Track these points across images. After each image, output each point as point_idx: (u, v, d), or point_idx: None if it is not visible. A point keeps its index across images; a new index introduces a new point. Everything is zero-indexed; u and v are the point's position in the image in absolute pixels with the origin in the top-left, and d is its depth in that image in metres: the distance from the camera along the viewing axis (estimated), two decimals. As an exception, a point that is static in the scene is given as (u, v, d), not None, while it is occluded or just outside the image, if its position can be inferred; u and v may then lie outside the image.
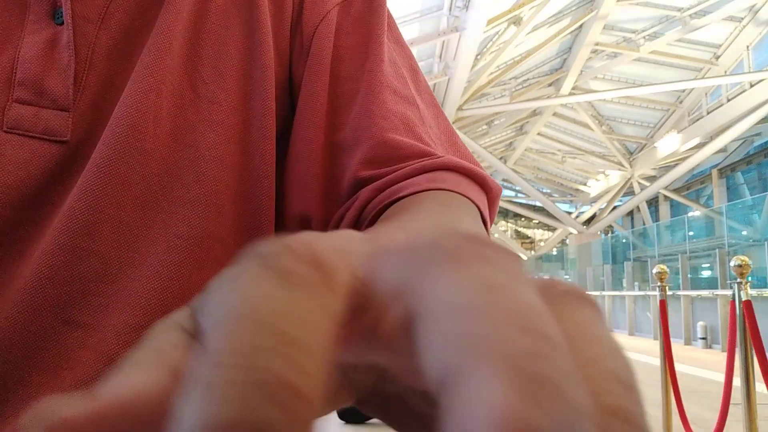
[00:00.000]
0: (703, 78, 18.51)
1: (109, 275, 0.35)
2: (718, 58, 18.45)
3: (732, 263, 2.04)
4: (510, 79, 20.86)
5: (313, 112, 0.40)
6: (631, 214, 30.28)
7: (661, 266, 2.75)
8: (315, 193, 0.39)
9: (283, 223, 0.43)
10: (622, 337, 9.91)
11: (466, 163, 0.37)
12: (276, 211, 0.41)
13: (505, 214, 44.34)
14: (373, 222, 0.34)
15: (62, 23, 0.39)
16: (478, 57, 17.09)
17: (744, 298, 1.99)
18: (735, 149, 21.96)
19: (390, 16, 0.45)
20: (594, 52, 19.56)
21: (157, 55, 0.39)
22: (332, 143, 0.39)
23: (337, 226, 0.37)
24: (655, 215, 28.15)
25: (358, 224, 0.35)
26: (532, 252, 37.27)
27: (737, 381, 1.97)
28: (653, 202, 28.19)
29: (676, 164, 21.60)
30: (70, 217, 0.34)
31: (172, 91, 0.39)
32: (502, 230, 35.93)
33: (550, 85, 22.19)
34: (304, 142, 0.40)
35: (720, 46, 18.19)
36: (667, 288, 2.76)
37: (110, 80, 0.40)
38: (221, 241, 0.38)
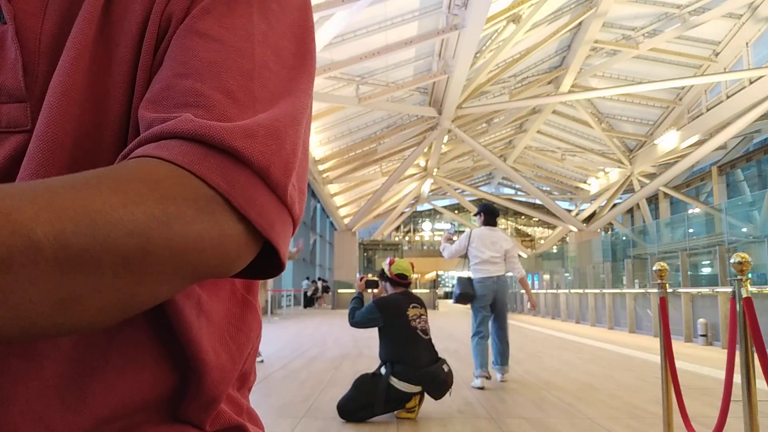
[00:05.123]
0: (702, 75, 18.51)
1: None
2: (717, 55, 18.43)
3: (732, 260, 2.04)
4: (509, 77, 20.83)
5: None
6: (631, 211, 30.30)
7: (661, 263, 2.75)
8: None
9: None
10: (622, 335, 9.92)
11: (201, 129, 0.35)
12: None
13: (505, 212, 44.34)
14: None
15: (5, 22, 0.42)
16: (478, 55, 17.06)
17: (744, 295, 1.98)
18: (735, 146, 21.96)
19: None
20: (593, 49, 19.54)
21: (82, 26, 0.41)
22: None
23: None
24: (655, 212, 28.16)
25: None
26: (533, 250, 37.31)
27: (738, 378, 1.97)
28: (653, 200, 28.21)
29: (676, 161, 21.61)
30: None
31: (92, 60, 0.41)
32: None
33: (549, 82, 22.17)
34: None
35: (719, 43, 18.17)
36: (667, 285, 2.76)
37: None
38: None
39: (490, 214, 4.93)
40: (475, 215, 5.03)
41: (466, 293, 4.64)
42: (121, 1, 0.43)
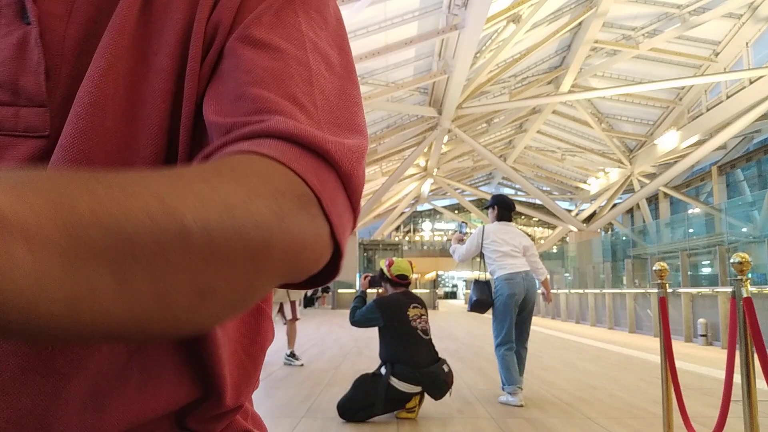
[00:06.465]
0: (702, 75, 18.50)
1: None
2: (717, 55, 18.43)
3: (732, 260, 2.04)
4: (509, 77, 20.83)
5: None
6: (631, 211, 30.29)
7: (661, 263, 2.75)
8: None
9: None
10: (622, 335, 9.92)
11: (297, 130, 0.35)
12: None
13: (505, 212, 44.40)
14: None
15: (29, 23, 0.40)
16: (478, 55, 17.06)
17: (744, 295, 1.99)
18: (735, 146, 21.96)
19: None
20: (593, 49, 19.53)
21: (114, 35, 0.40)
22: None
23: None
24: (655, 212, 28.15)
25: None
26: (532, 250, 37.24)
27: (738, 378, 1.97)
28: (653, 200, 28.20)
29: (676, 161, 21.59)
30: None
31: (127, 70, 0.40)
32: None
33: (549, 83, 22.16)
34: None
35: (719, 43, 18.18)
36: (667, 285, 2.76)
37: (83, 70, 0.40)
38: None
39: (504, 207, 4.20)
40: (487, 208, 4.31)
41: (482, 300, 3.97)
42: (158, 9, 0.42)
